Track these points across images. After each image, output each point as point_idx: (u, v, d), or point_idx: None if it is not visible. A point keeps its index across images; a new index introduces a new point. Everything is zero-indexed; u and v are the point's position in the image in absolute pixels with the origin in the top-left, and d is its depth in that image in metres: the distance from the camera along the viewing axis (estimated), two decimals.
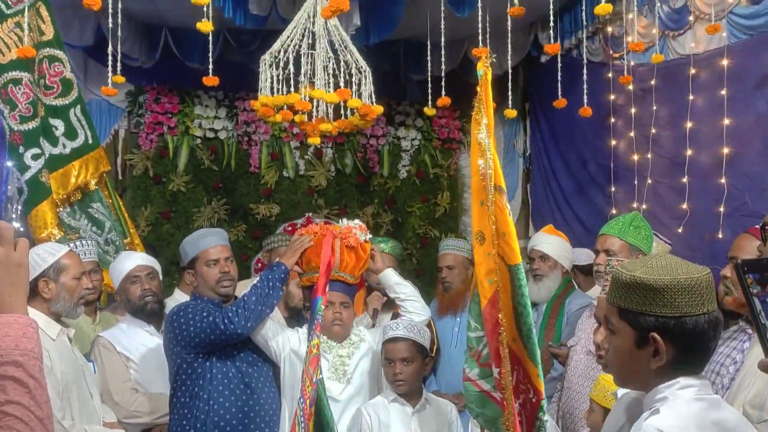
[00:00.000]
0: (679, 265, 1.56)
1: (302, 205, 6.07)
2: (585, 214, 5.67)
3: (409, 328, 2.99)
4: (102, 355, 3.29)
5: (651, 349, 1.55)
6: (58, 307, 2.88)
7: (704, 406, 1.54)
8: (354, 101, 3.37)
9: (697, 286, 1.52)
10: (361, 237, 3.09)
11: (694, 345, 1.54)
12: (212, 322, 2.90)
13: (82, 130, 4.19)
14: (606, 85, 5.14)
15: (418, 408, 2.97)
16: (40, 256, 2.91)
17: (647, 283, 1.53)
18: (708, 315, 1.53)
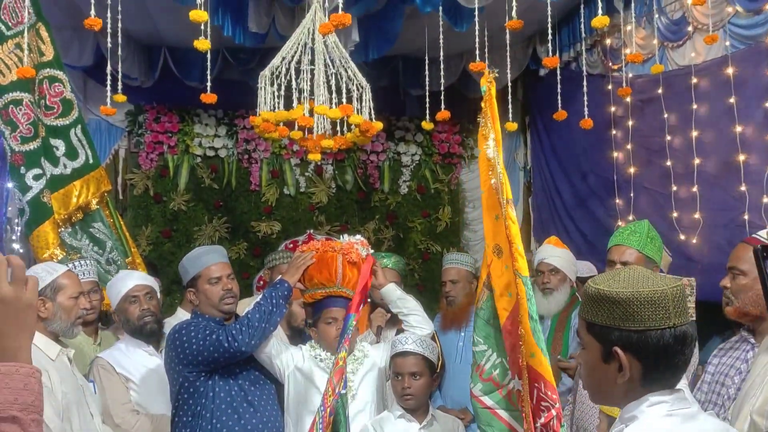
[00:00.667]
0: (646, 277, 1.51)
1: (303, 222, 6.06)
2: (586, 226, 5.65)
3: (418, 342, 2.97)
4: (101, 377, 3.26)
5: (616, 364, 1.50)
6: (54, 326, 2.86)
7: (677, 422, 1.49)
8: (356, 117, 3.36)
9: (662, 300, 1.46)
10: (362, 252, 3.07)
11: (660, 360, 1.48)
12: (215, 340, 2.88)
13: (83, 149, 4.18)
14: (606, 97, 5.15)
15: (425, 424, 2.94)
16: (38, 275, 2.88)
17: (609, 295, 1.49)
18: (674, 329, 1.47)
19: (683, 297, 1.49)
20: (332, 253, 3.04)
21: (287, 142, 5.23)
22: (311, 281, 3.07)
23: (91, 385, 3.10)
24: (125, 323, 3.39)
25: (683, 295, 1.49)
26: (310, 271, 3.04)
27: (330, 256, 3.03)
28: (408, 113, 6.45)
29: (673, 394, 1.52)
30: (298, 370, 3.03)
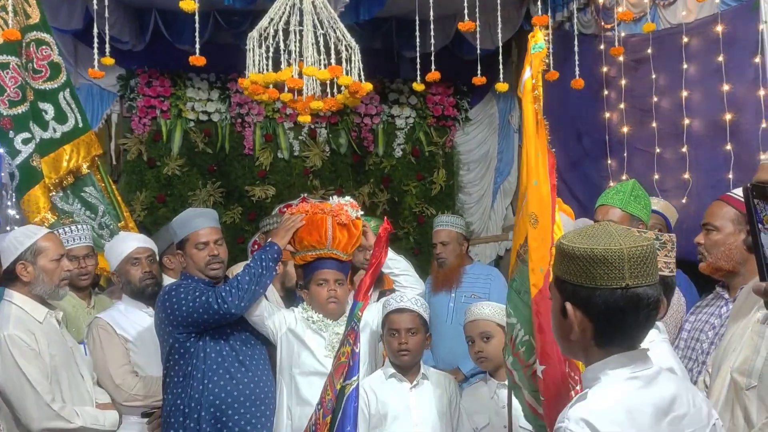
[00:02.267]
0: (608, 235, 1.49)
1: (297, 186, 6.06)
2: (579, 188, 5.65)
3: (413, 300, 3.01)
4: (101, 338, 3.27)
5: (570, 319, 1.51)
6: (38, 290, 2.88)
7: (637, 386, 1.49)
8: (345, 78, 3.34)
9: (615, 259, 1.45)
10: (352, 214, 3.09)
11: (610, 320, 1.48)
12: (205, 302, 2.90)
13: (72, 113, 4.16)
14: (599, 57, 5.11)
15: (416, 383, 2.98)
16: (17, 239, 2.91)
17: (567, 250, 1.50)
18: (626, 290, 1.45)
19: (644, 258, 1.46)
20: (322, 215, 3.05)
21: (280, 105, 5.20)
22: (301, 243, 3.09)
23: (82, 347, 3.13)
24: (126, 285, 3.41)
25: (645, 256, 1.47)
26: (301, 233, 3.06)
27: (320, 218, 3.05)
28: (402, 75, 6.40)
29: (634, 355, 1.53)
30: (291, 332, 3.07)
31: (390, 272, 3.18)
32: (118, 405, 3.20)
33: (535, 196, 2.23)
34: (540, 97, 2.27)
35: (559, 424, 1.48)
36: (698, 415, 1.57)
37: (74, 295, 3.50)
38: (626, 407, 1.46)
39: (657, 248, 2.00)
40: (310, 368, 3.01)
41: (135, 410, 3.23)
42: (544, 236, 2.19)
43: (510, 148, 6.67)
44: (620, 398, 1.48)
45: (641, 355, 1.55)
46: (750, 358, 2.05)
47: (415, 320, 2.95)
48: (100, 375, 3.24)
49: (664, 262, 1.99)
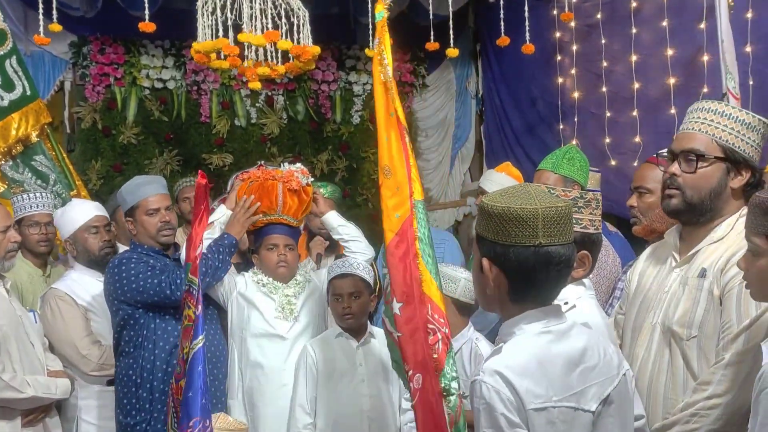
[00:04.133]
0: (527, 194, 1.56)
1: (255, 154, 6.03)
2: (535, 153, 5.73)
3: (355, 265, 3.06)
4: (61, 309, 3.26)
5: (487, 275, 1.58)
6: None
7: (549, 339, 1.57)
8: (283, 43, 3.33)
9: (530, 218, 1.51)
10: (303, 180, 3.13)
11: (523, 276, 1.55)
12: (157, 285, 2.91)
13: (20, 81, 4.11)
14: (551, 22, 5.16)
15: (362, 342, 3.06)
16: None
17: (486, 209, 1.57)
18: (538, 248, 1.52)
19: (558, 219, 1.53)
20: (272, 181, 3.09)
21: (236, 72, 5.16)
22: None
23: (31, 315, 3.13)
24: (83, 253, 3.39)
25: (559, 216, 1.54)
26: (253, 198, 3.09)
27: (270, 185, 3.09)
28: (359, 42, 6.37)
29: (548, 312, 1.61)
30: (241, 295, 3.12)
31: (339, 238, 3.24)
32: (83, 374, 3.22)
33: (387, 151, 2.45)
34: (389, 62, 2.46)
35: (475, 377, 1.56)
36: (608, 366, 1.65)
37: (30, 264, 3.50)
38: (538, 359, 1.54)
39: (582, 206, 2.08)
40: (261, 330, 3.07)
41: (98, 379, 3.26)
42: (399, 185, 2.39)
43: (468, 115, 6.73)
44: (532, 351, 1.55)
45: (554, 310, 1.63)
46: (690, 309, 2.14)
47: (357, 284, 3.01)
48: (63, 346, 3.24)
49: (589, 219, 2.06)
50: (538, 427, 1.50)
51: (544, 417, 1.51)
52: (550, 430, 1.51)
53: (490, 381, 1.51)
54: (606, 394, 1.61)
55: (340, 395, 2.95)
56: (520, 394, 1.50)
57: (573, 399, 1.55)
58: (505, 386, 1.50)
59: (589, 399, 1.57)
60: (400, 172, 2.42)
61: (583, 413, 1.56)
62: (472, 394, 1.55)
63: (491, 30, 6.15)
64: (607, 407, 1.61)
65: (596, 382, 1.60)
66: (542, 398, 1.51)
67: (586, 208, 2.06)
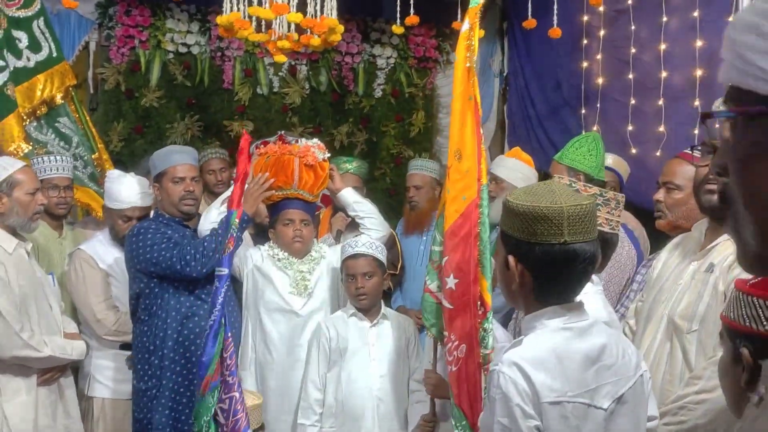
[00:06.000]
0: (552, 192, 1.57)
1: (276, 123, 6.03)
2: (557, 136, 5.69)
3: (368, 245, 3.09)
4: (83, 270, 3.33)
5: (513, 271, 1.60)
6: (11, 221, 2.93)
7: (569, 336, 1.60)
8: (294, 15, 3.32)
9: (555, 216, 1.53)
10: (319, 156, 3.14)
11: (547, 273, 1.58)
12: (169, 259, 2.95)
13: (47, 42, 4.12)
14: (580, 5, 5.09)
15: (376, 322, 3.09)
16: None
17: (512, 207, 1.58)
18: (564, 245, 1.54)
19: (583, 216, 1.55)
20: (289, 156, 3.10)
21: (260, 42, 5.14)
22: None
23: (50, 277, 3.20)
24: (111, 229, 3.45)
25: (584, 214, 1.56)
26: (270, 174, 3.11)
27: (287, 159, 3.10)
28: (384, 15, 6.33)
29: (571, 308, 1.63)
30: (257, 269, 3.16)
31: (355, 215, 3.26)
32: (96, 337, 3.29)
33: (459, 135, 2.55)
34: (475, 48, 2.51)
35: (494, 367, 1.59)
36: (626, 366, 1.68)
37: (46, 225, 3.55)
38: (557, 354, 1.57)
39: (599, 204, 2.08)
40: (275, 304, 3.11)
41: (112, 343, 3.33)
42: (469, 168, 2.51)
43: (490, 93, 6.65)
44: (552, 346, 1.58)
45: (577, 307, 1.65)
46: (693, 303, 2.15)
47: (370, 264, 3.03)
48: (81, 308, 3.32)
49: (605, 218, 2.07)
50: (551, 420, 1.54)
51: (558, 411, 1.54)
52: (563, 424, 1.55)
53: (507, 372, 1.54)
54: (620, 393, 1.64)
55: (350, 374, 2.99)
56: (536, 387, 1.53)
57: (587, 395, 1.58)
58: (521, 378, 1.54)
59: (602, 396, 1.60)
60: (471, 156, 2.53)
61: (596, 410, 1.59)
62: (490, 383, 1.60)
63: (519, 9, 6.07)
64: (621, 406, 1.64)
65: (611, 381, 1.63)
66: (557, 392, 1.55)
67: (604, 207, 2.07)
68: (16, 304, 2.88)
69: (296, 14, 3.42)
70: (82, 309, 3.32)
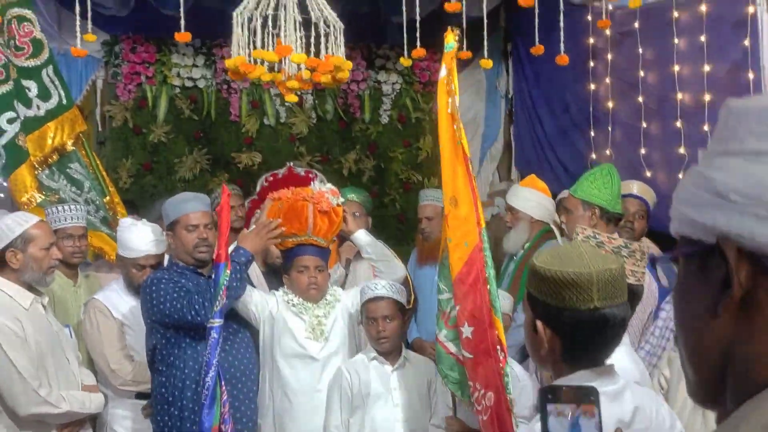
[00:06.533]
0: (580, 256, 1.54)
1: (284, 153, 6.05)
2: (567, 158, 5.68)
3: (387, 287, 3.07)
4: (98, 320, 3.32)
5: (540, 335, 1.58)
6: (26, 277, 2.93)
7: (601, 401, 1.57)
8: (298, 56, 3.34)
9: (585, 282, 1.50)
10: (333, 201, 3.13)
11: (577, 338, 1.55)
12: (179, 309, 2.95)
13: (56, 90, 4.14)
14: (585, 28, 5.08)
15: (397, 366, 3.07)
16: (9, 226, 2.94)
17: (539, 271, 1.56)
18: (594, 312, 1.52)
19: (613, 281, 1.53)
20: (303, 202, 3.10)
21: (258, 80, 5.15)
22: None
23: (67, 330, 3.19)
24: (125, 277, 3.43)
25: (613, 278, 1.54)
26: (282, 221, 3.10)
27: (301, 205, 3.10)
28: (389, 41, 6.34)
29: (600, 372, 1.61)
30: (272, 315, 3.15)
31: (369, 258, 3.25)
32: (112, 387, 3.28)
33: (452, 182, 2.62)
34: (455, 92, 2.58)
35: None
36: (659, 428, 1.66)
37: (62, 275, 3.54)
38: None
39: (625, 255, 2.07)
40: (291, 351, 3.10)
41: (129, 392, 3.33)
42: (467, 214, 2.55)
43: (497, 115, 6.66)
44: None
45: (607, 371, 1.63)
46: None
47: (391, 307, 3.02)
48: (96, 358, 3.32)
49: (631, 270, 2.05)
50: None
51: None
52: None
53: None
54: None
55: (374, 419, 2.97)
56: None
57: None
58: None
59: None
60: (467, 202, 2.57)
61: None
62: None
63: (523, 30, 6.07)
64: None
65: None
66: None
67: (629, 258, 2.05)
68: (34, 361, 2.87)
69: (300, 55, 3.44)
70: (97, 359, 3.32)
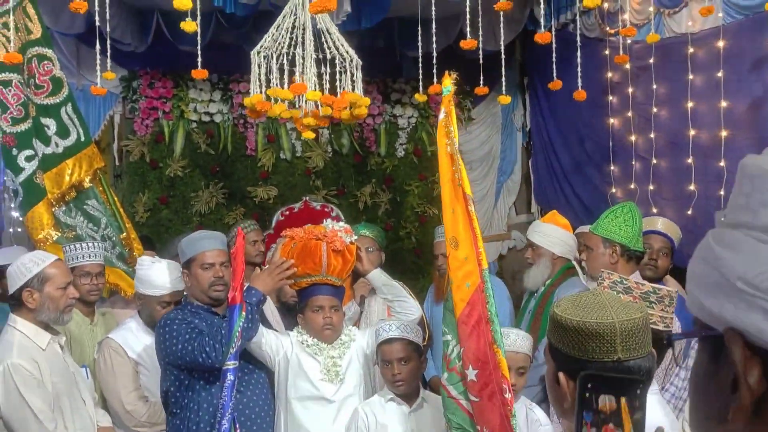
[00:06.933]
0: (602, 306, 1.49)
1: (300, 187, 6.06)
2: (584, 192, 5.65)
3: (402, 328, 3.01)
4: (113, 360, 3.29)
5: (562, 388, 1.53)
6: (43, 316, 2.92)
7: None
8: (312, 94, 3.35)
9: (607, 333, 1.45)
10: (346, 239, 3.09)
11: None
12: (191, 352, 2.91)
13: (74, 127, 4.17)
14: (602, 62, 5.08)
15: (415, 407, 3.01)
16: (26, 266, 2.94)
17: (560, 320, 1.50)
18: (617, 363, 1.46)
19: (636, 331, 1.48)
20: (316, 241, 3.06)
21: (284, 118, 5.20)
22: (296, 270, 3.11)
23: (84, 371, 3.17)
24: (146, 315, 3.41)
25: (637, 329, 1.49)
26: (295, 260, 3.07)
27: (314, 245, 3.06)
28: (404, 75, 6.37)
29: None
30: (287, 357, 3.10)
31: (384, 297, 3.21)
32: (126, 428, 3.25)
33: (452, 223, 2.59)
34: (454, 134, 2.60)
35: None
36: None
37: (79, 313, 3.54)
38: None
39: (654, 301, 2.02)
40: (306, 392, 3.05)
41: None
42: (467, 255, 2.54)
43: (513, 148, 6.66)
44: None
45: None
46: None
47: (406, 348, 2.96)
48: (110, 398, 3.28)
49: (659, 316, 2.00)
50: None
51: None
52: None
53: None
54: None
55: None
56: None
57: None
58: None
59: None
60: (467, 242, 2.56)
61: None
62: None
63: (539, 64, 6.09)
64: None
65: None
66: None
67: (658, 304, 2.00)
68: (50, 402, 2.85)
69: (314, 92, 3.46)
70: (111, 400, 3.28)
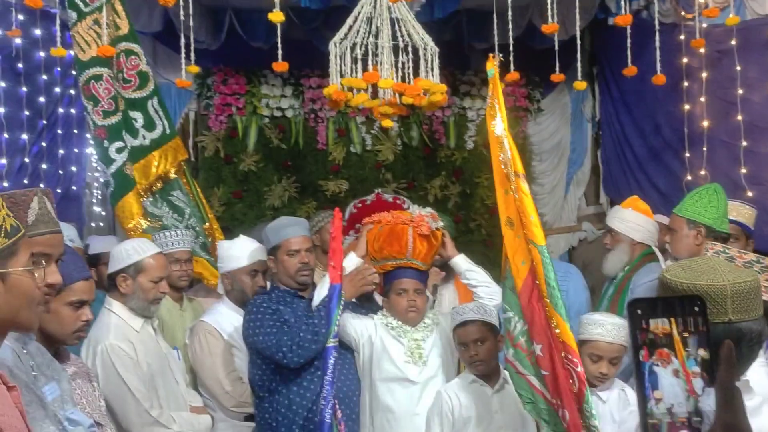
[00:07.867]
0: (712, 269, 1.49)
1: (370, 180, 6.11)
2: (660, 180, 5.54)
3: (475, 309, 3.03)
4: (208, 342, 3.37)
5: None
6: (132, 303, 3.02)
7: None
8: (385, 82, 3.38)
9: (718, 295, 1.45)
10: (432, 225, 3.14)
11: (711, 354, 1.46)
12: (269, 348, 2.99)
13: (160, 120, 4.31)
14: (678, 47, 4.96)
15: (497, 388, 3.02)
16: (127, 251, 3.05)
17: (670, 285, 1.50)
18: (729, 325, 1.46)
19: (748, 294, 1.47)
20: (403, 225, 3.11)
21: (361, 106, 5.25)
22: (381, 253, 3.16)
23: (175, 352, 3.27)
24: (236, 292, 3.50)
25: (748, 291, 1.47)
26: (381, 243, 3.12)
27: (401, 229, 3.11)
28: (472, 67, 6.37)
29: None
30: (371, 339, 3.15)
31: (468, 283, 3.22)
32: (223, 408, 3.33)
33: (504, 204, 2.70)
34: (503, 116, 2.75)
35: None
36: None
37: (168, 298, 3.65)
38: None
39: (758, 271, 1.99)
40: (390, 374, 3.09)
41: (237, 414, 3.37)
42: (521, 234, 2.62)
43: (583, 139, 6.58)
44: None
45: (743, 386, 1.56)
46: None
47: (481, 329, 2.97)
48: (208, 380, 3.34)
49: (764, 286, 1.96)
50: None
51: None
52: None
53: None
54: None
55: None
56: None
57: None
58: None
59: None
60: (518, 222, 2.65)
61: None
62: None
63: (609, 52, 6.00)
64: None
65: None
66: None
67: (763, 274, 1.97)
68: (145, 382, 2.95)
69: (387, 80, 3.49)
70: (208, 381, 3.34)
